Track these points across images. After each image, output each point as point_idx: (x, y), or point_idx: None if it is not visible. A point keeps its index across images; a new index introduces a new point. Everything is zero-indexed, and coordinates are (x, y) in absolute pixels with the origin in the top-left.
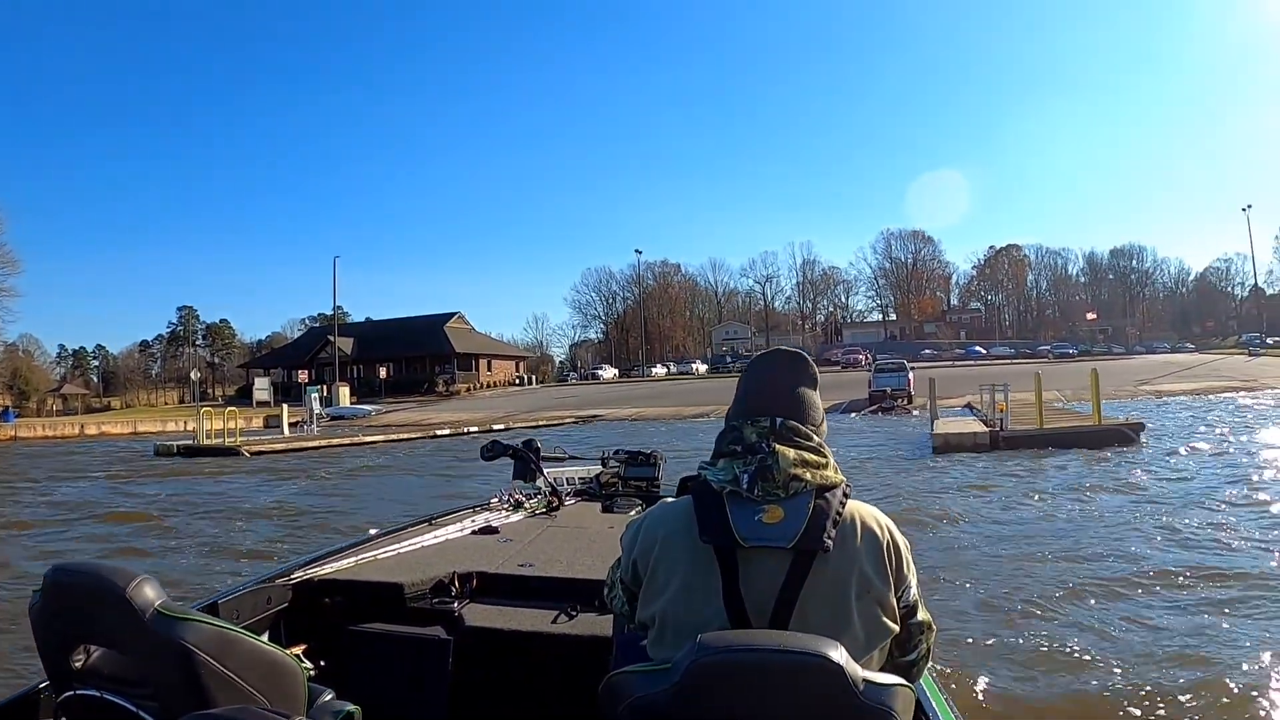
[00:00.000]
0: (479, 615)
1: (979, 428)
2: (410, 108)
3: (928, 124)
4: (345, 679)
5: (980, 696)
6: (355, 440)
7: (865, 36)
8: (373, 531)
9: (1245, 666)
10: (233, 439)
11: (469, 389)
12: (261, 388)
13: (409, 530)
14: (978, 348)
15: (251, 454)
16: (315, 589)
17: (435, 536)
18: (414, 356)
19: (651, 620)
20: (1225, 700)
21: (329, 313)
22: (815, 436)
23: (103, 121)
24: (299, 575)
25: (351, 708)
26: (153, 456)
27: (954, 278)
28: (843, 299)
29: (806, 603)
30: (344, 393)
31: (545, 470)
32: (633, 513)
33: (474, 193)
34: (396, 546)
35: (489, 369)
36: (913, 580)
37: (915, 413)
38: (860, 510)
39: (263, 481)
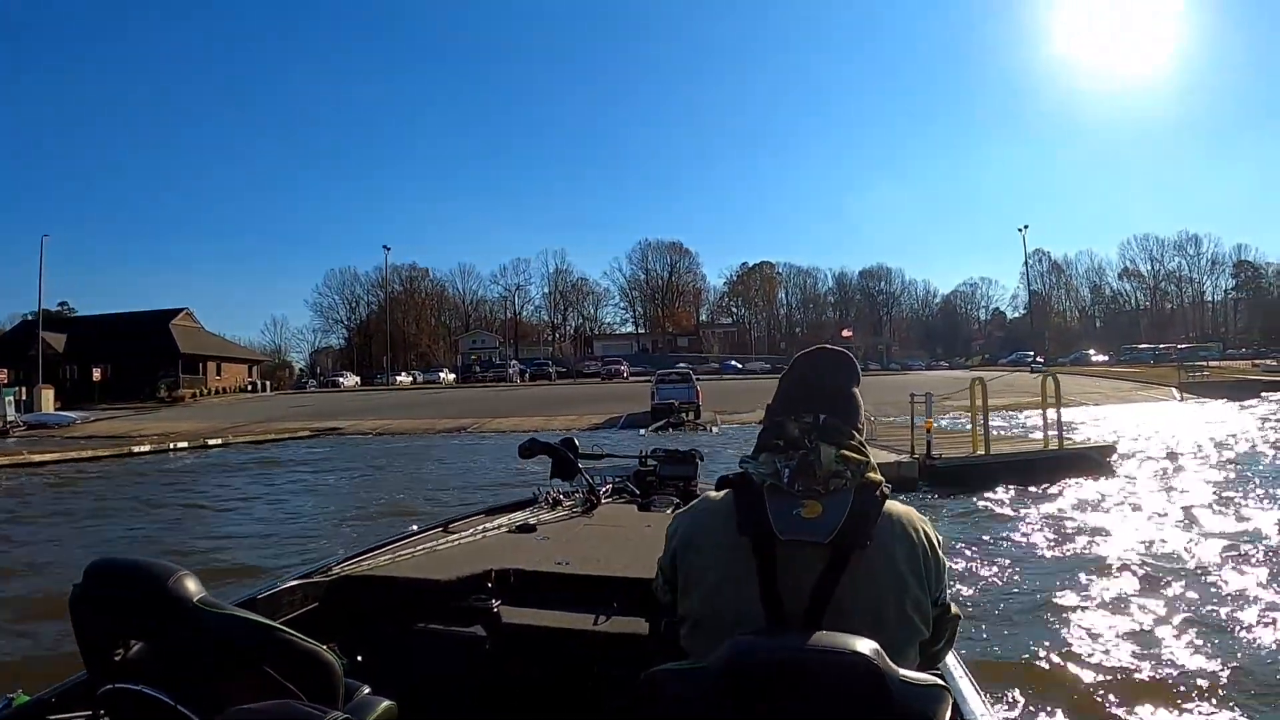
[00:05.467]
0: (516, 613)
1: (897, 456)
2: (146, 85)
3: (689, 138)
4: (382, 675)
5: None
6: (16, 459)
7: (626, 47)
8: (413, 528)
9: None
10: None
11: (195, 395)
12: None
13: (447, 527)
14: (734, 362)
15: None
16: (353, 585)
17: (473, 534)
18: (134, 357)
19: (689, 613)
20: None
21: (51, 306)
22: (857, 435)
23: None
24: (337, 571)
25: (388, 703)
26: None
27: (705, 293)
28: (591, 310)
29: (843, 599)
30: (48, 396)
31: (583, 468)
32: (668, 511)
33: (216, 177)
34: (434, 544)
35: (219, 373)
36: (945, 580)
37: (715, 429)
38: (898, 510)
39: None
